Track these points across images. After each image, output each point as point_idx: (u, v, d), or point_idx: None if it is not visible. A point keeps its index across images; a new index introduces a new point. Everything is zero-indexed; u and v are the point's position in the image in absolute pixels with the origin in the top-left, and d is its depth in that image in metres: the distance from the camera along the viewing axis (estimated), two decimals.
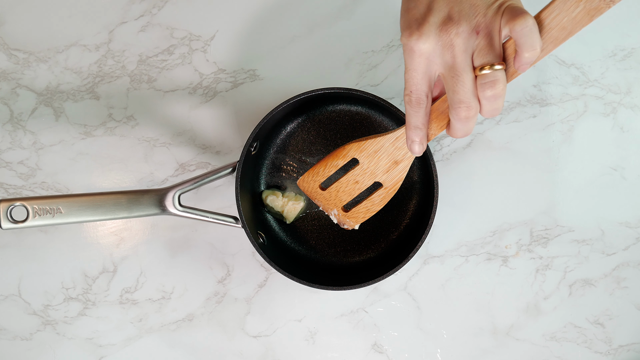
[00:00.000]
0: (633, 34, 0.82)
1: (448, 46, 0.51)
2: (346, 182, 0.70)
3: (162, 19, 0.84)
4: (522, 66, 0.51)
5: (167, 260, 0.83)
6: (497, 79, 0.51)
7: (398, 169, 0.66)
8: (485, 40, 0.51)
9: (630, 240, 0.82)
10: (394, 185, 0.67)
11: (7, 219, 0.69)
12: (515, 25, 0.50)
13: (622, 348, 0.82)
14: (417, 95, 0.54)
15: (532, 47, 0.50)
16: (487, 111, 0.53)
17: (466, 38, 0.51)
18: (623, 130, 0.82)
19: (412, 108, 0.55)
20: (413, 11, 0.52)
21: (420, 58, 0.52)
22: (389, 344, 0.83)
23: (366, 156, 0.66)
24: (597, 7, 0.49)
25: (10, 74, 0.84)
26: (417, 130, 0.56)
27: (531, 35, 0.50)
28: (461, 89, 0.52)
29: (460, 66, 0.51)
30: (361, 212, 0.72)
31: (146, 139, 0.84)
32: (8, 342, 0.83)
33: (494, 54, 0.51)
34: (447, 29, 0.51)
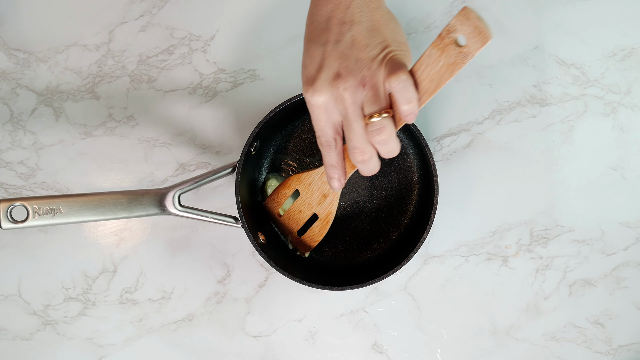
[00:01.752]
0: (633, 34, 0.82)
1: (339, 99, 0.57)
2: (293, 210, 0.76)
3: (162, 19, 0.84)
4: (406, 117, 0.56)
5: (167, 260, 0.83)
6: (384, 126, 0.56)
7: (327, 202, 0.73)
8: (371, 92, 0.56)
9: (630, 240, 0.82)
10: (326, 217, 0.74)
11: (7, 219, 0.69)
12: (391, 82, 0.55)
13: (622, 348, 0.82)
14: (326, 138, 0.60)
15: (407, 101, 0.55)
16: (382, 153, 0.58)
17: (353, 91, 0.56)
18: (623, 130, 0.82)
19: (324, 149, 0.61)
20: (308, 67, 0.58)
21: (319, 110, 0.58)
22: (389, 344, 0.83)
23: (303, 188, 0.74)
24: (454, 62, 0.54)
25: (10, 74, 0.84)
26: (332, 168, 0.63)
27: (405, 90, 0.55)
28: (354, 137, 0.58)
29: (350, 117, 0.57)
30: (307, 240, 0.78)
31: (146, 139, 0.84)
32: (8, 342, 0.83)
33: (379, 104, 0.56)
34: (337, 85, 0.56)
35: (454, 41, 0.54)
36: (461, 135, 0.82)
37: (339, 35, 0.57)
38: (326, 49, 0.57)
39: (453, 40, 0.54)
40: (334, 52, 0.56)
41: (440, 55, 0.55)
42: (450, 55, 0.54)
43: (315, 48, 0.58)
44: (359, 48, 0.56)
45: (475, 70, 0.82)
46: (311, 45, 0.58)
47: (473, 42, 0.53)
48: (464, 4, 0.83)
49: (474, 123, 0.82)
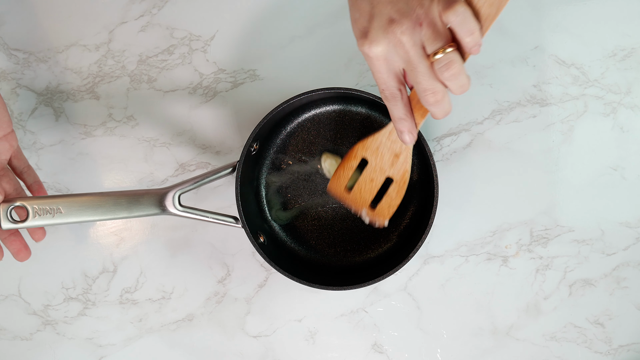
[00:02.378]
0: (633, 34, 0.82)
1: (398, 44, 0.55)
2: (363, 181, 0.71)
3: (162, 19, 0.84)
4: (471, 49, 0.55)
5: (167, 260, 0.83)
6: (451, 60, 0.54)
7: (400, 161, 0.68)
8: (430, 29, 0.54)
9: (630, 240, 0.82)
10: (402, 177, 0.69)
11: (7, 219, 0.69)
12: (449, 17, 0.53)
13: (622, 348, 0.82)
14: (390, 91, 0.58)
15: (469, 32, 0.54)
16: (454, 89, 0.56)
17: (411, 33, 0.54)
18: (623, 130, 0.82)
19: (389, 102, 0.59)
20: (359, 21, 0.56)
21: (379, 61, 0.56)
22: (389, 344, 0.83)
23: (371, 154, 0.69)
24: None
25: (10, 74, 0.84)
26: (402, 121, 0.60)
27: (465, 22, 0.53)
28: (422, 78, 0.55)
29: (414, 59, 0.55)
30: (384, 208, 0.73)
31: (146, 139, 0.84)
32: (8, 342, 0.83)
33: (441, 40, 0.54)
34: (392, 30, 0.54)
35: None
36: (461, 135, 0.82)
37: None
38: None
39: None
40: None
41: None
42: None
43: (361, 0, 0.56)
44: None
45: (475, 70, 0.82)
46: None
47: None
48: None
49: (474, 123, 0.82)
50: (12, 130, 0.71)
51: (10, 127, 0.70)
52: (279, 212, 0.82)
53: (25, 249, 0.72)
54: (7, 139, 0.70)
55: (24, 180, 0.74)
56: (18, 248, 0.71)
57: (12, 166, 0.73)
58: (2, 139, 0.70)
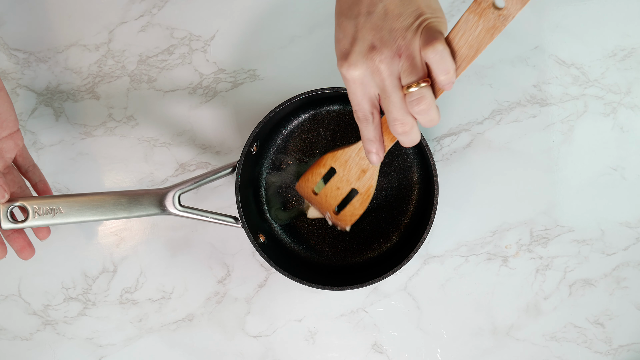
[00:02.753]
0: (633, 34, 0.82)
1: (375, 72, 0.56)
2: (330, 188, 0.74)
3: (162, 19, 0.84)
4: (444, 87, 0.56)
5: (167, 260, 0.83)
6: (423, 95, 0.55)
7: (366, 177, 0.72)
8: (408, 62, 0.55)
9: (630, 240, 0.82)
10: (367, 191, 0.73)
11: (7, 219, 0.69)
12: (427, 53, 0.54)
13: (622, 348, 0.82)
14: (363, 113, 0.60)
15: (445, 71, 0.55)
16: (423, 123, 0.58)
17: (389, 63, 0.55)
18: (623, 130, 0.82)
19: (361, 123, 0.61)
20: (342, 42, 0.57)
21: (355, 84, 0.58)
22: (389, 344, 0.83)
23: (340, 165, 0.72)
24: (493, 25, 0.54)
25: (10, 74, 0.84)
26: (371, 143, 0.62)
27: (443, 61, 0.54)
28: (393, 108, 0.57)
29: (388, 88, 0.56)
30: (347, 215, 0.76)
31: (146, 139, 0.84)
32: (8, 342, 0.83)
33: (416, 74, 0.55)
34: (372, 57, 0.56)
35: (492, 4, 0.52)
36: (461, 135, 0.82)
37: (371, 6, 0.56)
38: (358, 21, 0.56)
39: (490, 3, 0.52)
40: (366, 24, 0.56)
41: (478, 20, 0.54)
42: (489, 19, 0.53)
43: (347, 22, 0.57)
44: (392, 18, 0.55)
45: (475, 70, 0.82)
46: (343, 19, 0.57)
47: (512, 3, 0.52)
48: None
49: (474, 123, 0.82)
50: (18, 129, 0.71)
51: (16, 126, 0.71)
52: (279, 212, 0.82)
53: (29, 247, 0.72)
54: (13, 137, 0.71)
55: (29, 178, 0.74)
56: (21, 246, 0.72)
57: (18, 165, 0.73)
58: (8, 138, 0.70)
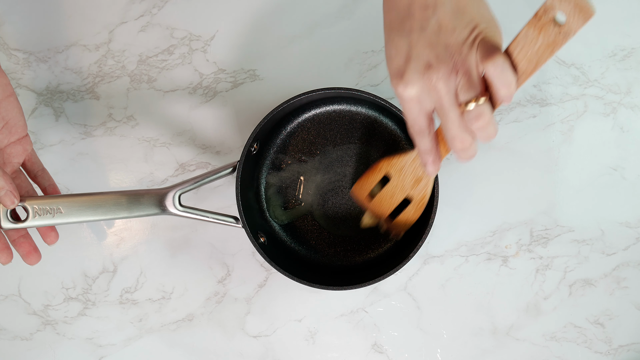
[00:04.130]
0: (633, 34, 0.82)
1: (433, 90, 0.55)
2: (384, 195, 0.74)
3: (162, 19, 0.84)
4: (504, 101, 0.55)
5: (167, 260, 0.83)
6: (482, 112, 0.54)
7: (421, 185, 0.71)
8: (465, 78, 0.54)
9: (630, 240, 0.82)
10: (421, 200, 0.73)
11: (7, 218, 0.69)
12: (487, 67, 0.53)
13: (622, 348, 0.82)
14: (419, 127, 0.58)
15: (507, 85, 0.54)
16: (482, 138, 0.56)
17: (446, 80, 0.54)
18: (623, 130, 0.82)
19: (417, 136, 0.59)
20: (395, 59, 0.56)
21: (412, 102, 0.56)
22: (389, 344, 0.83)
23: (395, 172, 0.72)
24: (554, 41, 0.53)
25: (10, 74, 0.84)
26: (427, 154, 0.61)
27: (503, 74, 0.53)
28: (452, 126, 0.56)
29: (446, 106, 0.55)
30: (401, 223, 0.76)
31: (146, 139, 0.84)
32: (8, 342, 0.83)
33: (474, 90, 0.54)
34: (429, 75, 0.54)
35: (552, 19, 0.52)
36: None
37: (424, 21, 0.54)
38: (412, 38, 0.54)
39: (551, 18, 0.52)
40: (420, 40, 0.54)
41: (538, 35, 0.53)
42: (549, 35, 0.52)
43: (399, 38, 0.55)
44: (447, 33, 0.53)
45: None
46: (394, 35, 0.56)
47: (574, 19, 0.51)
48: None
49: None
50: (27, 134, 0.72)
51: (25, 131, 0.71)
52: (279, 212, 0.82)
53: (35, 252, 0.72)
54: (22, 142, 0.71)
55: (38, 183, 0.74)
56: (27, 250, 0.71)
57: (27, 169, 0.73)
58: (17, 143, 0.71)
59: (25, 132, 0.71)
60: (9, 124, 0.69)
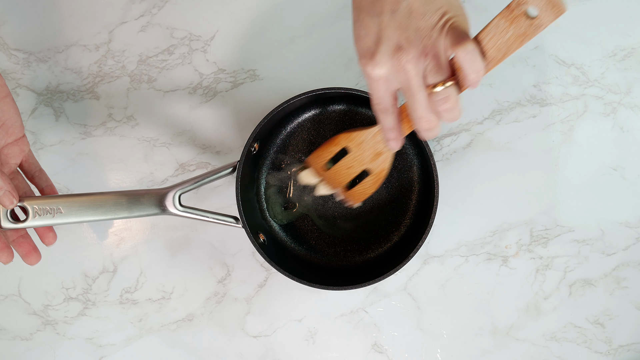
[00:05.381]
0: (633, 34, 0.82)
1: (401, 71, 0.56)
2: (341, 167, 0.74)
3: (162, 19, 0.84)
4: (471, 85, 0.56)
5: (167, 260, 0.83)
6: (449, 95, 0.56)
7: (380, 160, 0.72)
8: (434, 61, 0.55)
9: (630, 240, 0.82)
10: (379, 173, 0.73)
11: (7, 218, 0.69)
12: (458, 52, 0.54)
13: (622, 348, 0.82)
14: (384, 105, 0.60)
15: (475, 70, 0.55)
16: (446, 120, 0.58)
17: (416, 62, 0.55)
18: (623, 130, 0.82)
19: (381, 114, 0.61)
20: (365, 39, 0.57)
21: (379, 82, 0.58)
22: (389, 344, 0.83)
23: (354, 146, 0.72)
24: (524, 33, 0.54)
25: (10, 74, 0.84)
26: (391, 131, 0.62)
27: (473, 60, 0.54)
28: (419, 107, 0.57)
29: (414, 88, 0.56)
30: (358, 192, 0.76)
31: (146, 139, 0.84)
32: (8, 342, 0.83)
33: (442, 73, 0.56)
34: (399, 57, 0.55)
35: (525, 13, 0.53)
36: (461, 135, 0.83)
37: (395, 4, 0.55)
38: (382, 19, 0.55)
39: (523, 12, 0.53)
40: (391, 22, 0.55)
41: (509, 26, 0.54)
42: (520, 27, 0.54)
43: (369, 19, 0.56)
44: (417, 17, 0.55)
45: None
46: (364, 16, 0.57)
47: (546, 14, 0.52)
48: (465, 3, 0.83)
49: (474, 123, 0.83)
50: (23, 135, 0.72)
51: (22, 132, 0.71)
52: (279, 212, 0.82)
53: (35, 252, 0.72)
54: (19, 143, 0.71)
55: (35, 184, 0.74)
56: (27, 250, 0.71)
57: (24, 170, 0.73)
58: (14, 144, 0.71)
59: (22, 133, 0.71)
60: (5, 125, 0.69)
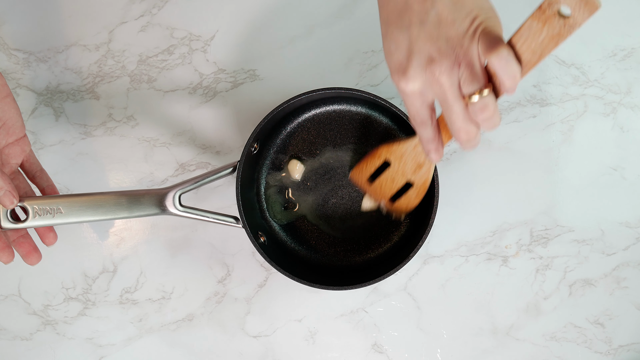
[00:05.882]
0: (633, 34, 0.82)
1: (435, 84, 0.54)
2: (385, 179, 0.74)
3: (162, 19, 0.84)
4: (508, 91, 0.54)
5: (167, 260, 0.83)
6: (487, 104, 0.54)
7: (422, 171, 0.71)
8: (468, 70, 0.53)
9: (630, 240, 0.82)
10: (423, 185, 0.73)
11: (7, 218, 0.69)
12: (492, 59, 0.52)
13: (622, 348, 0.82)
14: (421, 119, 0.58)
15: (511, 76, 0.53)
16: (486, 128, 0.56)
17: (449, 73, 0.54)
18: (623, 130, 0.82)
19: (420, 127, 0.59)
20: (396, 54, 0.56)
21: (414, 96, 0.56)
22: (389, 344, 0.83)
23: (395, 158, 0.72)
24: (559, 33, 0.53)
25: (10, 74, 0.84)
26: (429, 142, 0.61)
27: (508, 66, 0.52)
28: (457, 119, 0.55)
29: (450, 99, 0.55)
30: (403, 205, 0.76)
31: (146, 139, 0.84)
32: (8, 342, 0.83)
33: (478, 82, 0.54)
34: (432, 70, 0.54)
35: (557, 12, 0.52)
36: None
37: (423, 14, 0.53)
38: (411, 32, 0.54)
39: (556, 11, 0.52)
40: (421, 34, 0.53)
41: (542, 27, 0.53)
42: (553, 27, 0.52)
43: (398, 32, 0.55)
44: (447, 25, 0.53)
45: None
46: (393, 29, 0.55)
47: (579, 12, 0.51)
48: None
49: None
50: (24, 135, 0.72)
51: (23, 132, 0.71)
52: (279, 212, 0.82)
53: (35, 252, 0.72)
54: (20, 143, 0.71)
55: (36, 184, 0.74)
56: (27, 250, 0.71)
57: (25, 170, 0.73)
58: (15, 144, 0.71)
59: (23, 132, 0.71)
60: (6, 125, 0.69)
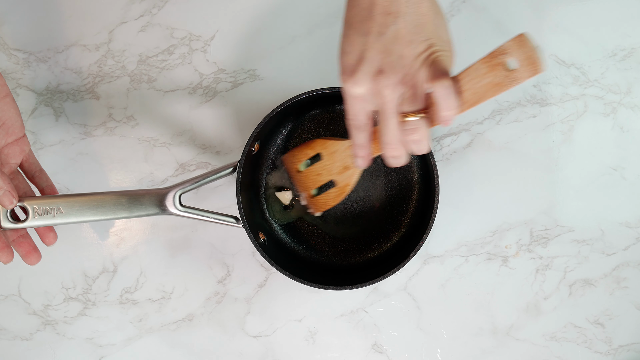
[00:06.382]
0: (633, 34, 0.82)
1: (378, 94, 0.56)
2: (311, 172, 0.75)
3: (162, 19, 0.84)
4: (443, 122, 0.56)
5: (167, 260, 0.83)
6: (419, 127, 0.56)
7: (347, 174, 0.73)
8: (411, 91, 0.55)
9: (630, 240, 0.82)
10: (343, 187, 0.74)
11: (7, 218, 0.69)
12: (435, 87, 0.54)
13: (622, 348, 0.82)
14: (357, 122, 0.60)
15: (448, 108, 0.55)
16: (413, 151, 0.59)
17: (393, 89, 0.55)
18: (623, 130, 0.82)
19: (354, 130, 0.61)
20: (348, 56, 0.57)
21: (355, 100, 0.58)
22: (389, 344, 0.83)
23: (327, 154, 0.73)
24: (500, 83, 0.55)
25: (10, 74, 0.84)
26: (360, 148, 0.62)
27: (448, 97, 0.55)
28: (388, 133, 0.57)
29: (387, 112, 0.56)
30: (321, 202, 0.77)
31: (146, 139, 0.84)
32: (8, 342, 0.83)
33: (417, 104, 0.56)
34: (378, 80, 0.55)
35: (504, 63, 0.54)
36: (461, 135, 0.83)
37: (383, 26, 0.55)
38: (368, 39, 0.55)
39: (503, 62, 0.54)
40: (376, 44, 0.55)
41: (487, 72, 0.55)
42: (497, 76, 0.55)
43: (356, 37, 0.56)
44: (403, 44, 0.54)
45: None
46: (352, 32, 0.57)
47: (523, 69, 0.53)
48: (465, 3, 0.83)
49: (474, 123, 0.83)
50: (24, 134, 0.72)
51: (22, 132, 0.71)
52: (279, 212, 0.82)
53: (35, 252, 0.72)
54: (19, 143, 0.71)
55: (36, 184, 0.74)
56: (27, 250, 0.71)
57: (24, 170, 0.73)
58: (14, 144, 0.71)
59: (23, 132, 0.71)
60: (5, 125, 0.69)
